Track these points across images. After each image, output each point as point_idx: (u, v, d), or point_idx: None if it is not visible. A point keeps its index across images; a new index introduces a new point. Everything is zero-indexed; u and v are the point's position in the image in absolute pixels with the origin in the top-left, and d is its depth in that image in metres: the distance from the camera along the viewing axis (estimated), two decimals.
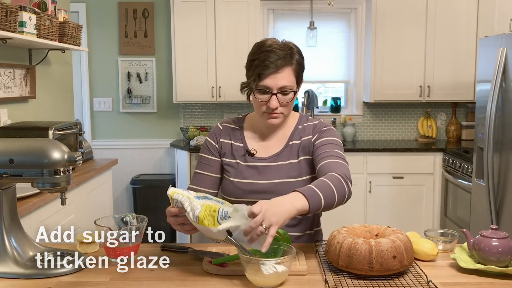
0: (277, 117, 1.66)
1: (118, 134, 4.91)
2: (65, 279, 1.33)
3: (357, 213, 4.28)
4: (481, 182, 3.34)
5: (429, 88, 4.45)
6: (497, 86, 3.09)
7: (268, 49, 1.61)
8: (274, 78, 1.60)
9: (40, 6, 2.96)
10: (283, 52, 1.62)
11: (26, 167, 1.32)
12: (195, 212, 1.32)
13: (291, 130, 1.75)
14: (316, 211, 1.40)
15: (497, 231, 1.38)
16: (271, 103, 1.61)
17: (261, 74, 1.60)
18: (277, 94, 1.61)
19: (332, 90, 5.07)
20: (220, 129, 1.79)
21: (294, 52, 1.66)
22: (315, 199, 1.38)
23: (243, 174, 1.70)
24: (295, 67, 1.65)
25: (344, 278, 1.32)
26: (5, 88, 2.94)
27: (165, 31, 4.76)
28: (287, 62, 1.62)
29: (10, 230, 1.40)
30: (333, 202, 1.44)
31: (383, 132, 4.89)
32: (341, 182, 1.50)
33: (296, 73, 1.66)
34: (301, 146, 1.71)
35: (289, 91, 1.63)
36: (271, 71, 1.59)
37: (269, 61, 1.59)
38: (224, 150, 1.75)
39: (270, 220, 1.26)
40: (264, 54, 1.61)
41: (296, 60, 1.66)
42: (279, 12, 4.79)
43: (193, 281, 1.32)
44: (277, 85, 1.60)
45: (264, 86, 1.61)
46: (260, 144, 1.75)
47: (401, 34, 4.41)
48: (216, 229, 1.30)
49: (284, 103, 1.63)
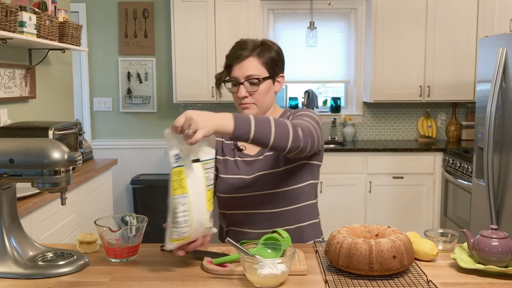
0: (249, 107, 1.67)
1: (118, 134, 4.91)
2: (65, 279, 1.33)
3: (357, 213, 4.28)
4: (481, 182, 3.34)
5: (429, 88, 4.45)
6: (497, 86, 3.09)
7: (238, 43, 1.68)
8: (240, 67, 1.64)
9: (40, 6, 2.96)
10: (252, 45, 1.66)
11: (26, 167, 1.32)
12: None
13: None
14: (243, 138, 1.36)
15: (497, 231, 1.38)
16: (239, 93, 1.64)
17: (229, 66, 1.66)
18: (244, 83, 1.64)
19: (332, 90, 5.07)
20: None
21: (266, 46, 1.68)
22: (243, 126, 1.35)
23: (233, 170, 1.71)
24: (265, 59, 1.66)
25: (344, 278, 1.32)
26: (5, 88, 2.95)
27: (165, 31, 4.76)
28: (252, 53, 1.65)
29: (10, 230, 1.40)
30: (266, 138, 1.38)
31: (383, 132, 4.89)
32: (287, 126, 1.42)
33: (266, 65, 1.66)
34: None
35: (256, 81, 1.64)
36: (237, 61, 1.64)
37: (236, 53, 1.65)
38: (216, 148, 1.76)
39: (197, 125, 1.27)
40: (234, 47, 1.68)
41: (266, 51, 1.67)
42: (279, 12, 4.79)
43: (193, 281, 1.31)
44: (243, 74, 1.64)
45: (232, 76, 1.66)
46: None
47: (401, 34, 4.41)
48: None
49: (252, 92, 1.65)
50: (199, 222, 1.35)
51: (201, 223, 1.35)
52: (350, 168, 4.26)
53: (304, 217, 1.73)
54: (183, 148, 1.32)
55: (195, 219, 1.33)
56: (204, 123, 1.28)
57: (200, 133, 1.27)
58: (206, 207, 1.36)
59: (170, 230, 1.34)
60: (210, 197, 1.38)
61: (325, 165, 1.86)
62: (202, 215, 1.35)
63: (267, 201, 1.68)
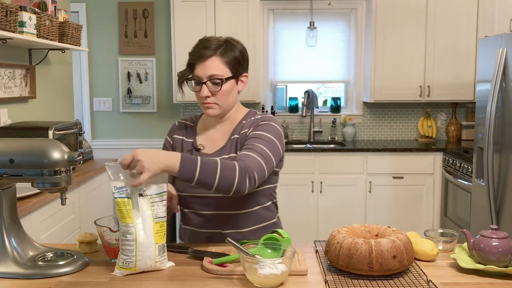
0: (211, 107, 1.66)
1: (118, 134, 4.91)
2: (65, 279, 1.33)
3: (357, 213, 4.28)
4: (481, 182, 3.34)
5: (429, 88, 4.45)
6: (497, 86, 3.09)
7: (201, 41, 1.67)
8: (202, 67, 1.63)
9: (40, 6, 2.96)
10: (215, 44, 1.64)
11: (26, 167, 1.32)
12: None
13: (235, 125, 1.74)
14: (186, 180, 1.42)
15: (497, 231, 1.38)
16: (201, 92, 1.64)
17: (191, 64, 1.66)
18: (206, 82, 1.63)
19: (332, 90, 5.07)
20: (175, 126, 1.81)
21: (229, 45, 1.67)
22: (188, 168, 1.40)
23: None
24: (228, 58, 1.64)
25: (344, 278, 1.32)
26: (5, 88, 2.94)
27: (165, 31, 4.76)
28: (215, 52, 1.63)
29: (10, 230, 1.40)
30: (210, 183, 1.43)
31: (383, 132, 4.89)
32: (234, 170, 1.45)
33: (229, 64, 1.65)
34: (239, 140, 1.70)
35: (218, 81, 1.63)
36: (200, 60, 1.63)
37: (199, 52, 1.63)
38: (175, 146, 1.77)
39: (143, 167, 1.33)
40: (197, 45, 1.66)
41: (229, 51, 1.65)
42: (279, 12, 4.79)
43: (193, 281, 1.31)
44: (205, 73, 1.62)
45: (195, 75, 1.65)
46: (208, 140, 1.74)
47: (401, 34, 4.41)
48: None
49: (214, 92, 1.64)
50: (146, 255, 1.34)
51: (149, 256, 1.35)
52: (350, 168, 4.26)
53: (255, 221, 1.71)
54: (129, 181, 1.36)
55: (140, 251, 1.34)
56: (150, 165, 1.34)
57: (145, 176, 1.33)
58: (154, 240, 1.36)
59: (119, 256, 1.36)
60: (159, 230, 1.37)
61: (325, 165, 1.86)
62: (149, 248, 1.35)
63: (220, 203, 1.66)
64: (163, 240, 1.39)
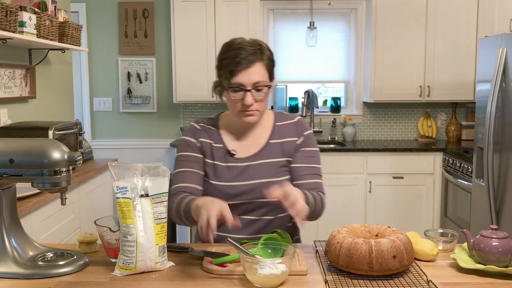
0: (253, 115, 1.62)
1: (118, 134, 4.91)
2: (65, 279, 1.33)
3: (357, 213, 4.28)
4: (481, 182, 3.34)
5: (429, 88, 4.45)
6: (497, 86, 3.09)
7: (237, 46, 1.60)
8: (246, 74, 1.57)
9: (40, 6, 2.96)
10: (252, 48, 1.60)
11: (26, 167, 1.32)
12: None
13: (269, 128, 1.72)
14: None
15: (497, 231, 1.38)
16: (246, 100, 1.58)
17: (233, 71, 1.57)
18: (251, 90, 1.58)
19: (332, 90, 5.07)
20: (197, 128, 1.74)
21: (264, 48, 1.63)
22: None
23: (225, 177, 1.66)
24: (266, 62, 1.62)
25: (344, 278, 1.32)
26: (5, 88, 2.95)
27: (165, 31, 4.76)
28: (257, 57, 1.59)
29: (10, 230, 1.40)
30: (313, 211, 1.59)
31: (383, 132, 4.89)
32: (323, 202, 1.69)
33: (268, 68, 1.63)
34: (283, 146, 1.70)
35: (262, 87, 1.59)
36: (243, 67, 1.57)
37: (240, 57, 1.57)
38: (204, 150, 1.70)
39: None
40: (234, 52, 1.59)
41: (267, 55, 1.63)
42: (279, 12, 4.79)
43: (193, 281, 1.31)
44: (250, 81, 1.57)
45: (237, 83, 1.58)
46: (238, 144, 1.71)
47: (401, 34, 4.41)
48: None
49: (259, 99, 1.60)
50: (146, 256, 1.35)
51: (149, 257, 1.35)
52: (350, 168, 4.26)
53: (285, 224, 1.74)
54: (132, 182, 1.36)
55: (141, 252, 1.34)
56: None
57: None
58: (155, 241, 1.36)
59: (119, 257, 1.36)
60: (159, 231, 1.38)
61: (325, 165, 1.86)
62: (149, 249, 1.35)
63: (257, 208, 1.66)
64: (164, 241, 1.39)
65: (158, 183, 1.39)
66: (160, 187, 1.40)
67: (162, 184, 1.41)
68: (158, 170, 1.40)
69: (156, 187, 1.39)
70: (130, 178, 1.37)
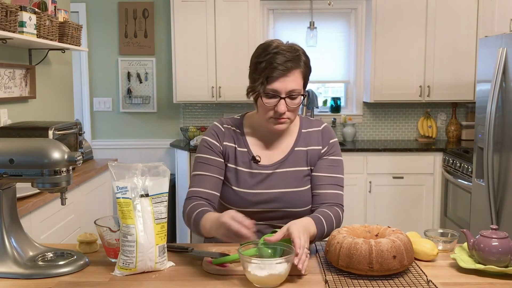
0: (284, 123, 1.58)
1: (118, 134, 4.91)
2: (65, 279, 1.33)
3: (357, 213, 4.29)
4: (481, 182, 3.34)
5: (429, 88, 4.45)
6: (497, 86, 3.09)
7: (274, 50, 1.53)
8: (283, 81, 1.51)
9: (40, 6, 2.96)
10: (291, 54, 1.53)
11: (26, 167, 1.32)
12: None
13: (295, 135, 1.69)
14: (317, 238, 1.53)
15: (497, 231, 1.38)
16: (279, 108, 1.53)
17: (269, 77, 1.51)
18: (285, 98, 1.53)
19: (332, 90, 5.07)
20: (222, 131, 1.68)
21: (301, 54, 1.56)
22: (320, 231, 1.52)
23: (247, 183, 1.62)
24: (303, 69, 1.56)
25: (344, 278, 1.32)
26: (5, 88, 2.94)
27: (165, 31, 4.76)
28: (296, 65, 1.53)
29: (10, 230, 1.40)
30: (328, 233, 1.54)
31: (383, 132, 4.89)
32: (340, 218, 1.61)
33: (304, 76, 1.57)
34: (308, 155, 1.66)
35: (297, 95, 1.55)
36: (280, 73, 1.50)
37: (277, 63, 1.50)
38: (228, 154, 1.66)
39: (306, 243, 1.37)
40: (271, 56, 1.52)
41: (304, 62, 1.56)
42: (279, 12, 4.79)
43: (193, 281, 1.31)
44: (286, 88, 1.52)
45: (273, 89, 1.52)
46: (263, 150, 1.67)
47: (401, 34, 4.41)
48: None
49: (292, 107, 1.55)
50: (146, 256, 1.35)
51: (149, 257, 1.35)
52: (350, 168, 4.26)
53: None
54: (132, 181, 1.35)
55: (140, 252, 1.34)
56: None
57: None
58: (155, 241, 1.36)
59: (119, 257, 1.36)
60: (159, 231, 1.37)
61: None
62: (149, 249, 1.35)
63: (277, 218, 1.64)
64: (164, 241, 1.39)
65: (158, 183, 1.39)
66: (160, 187, 1.40)
67: (162, 184, 1.40)
68: (158, 170, 1.40)
69: (156, 187, 1.39)
70: (130, 178, 1.37)
